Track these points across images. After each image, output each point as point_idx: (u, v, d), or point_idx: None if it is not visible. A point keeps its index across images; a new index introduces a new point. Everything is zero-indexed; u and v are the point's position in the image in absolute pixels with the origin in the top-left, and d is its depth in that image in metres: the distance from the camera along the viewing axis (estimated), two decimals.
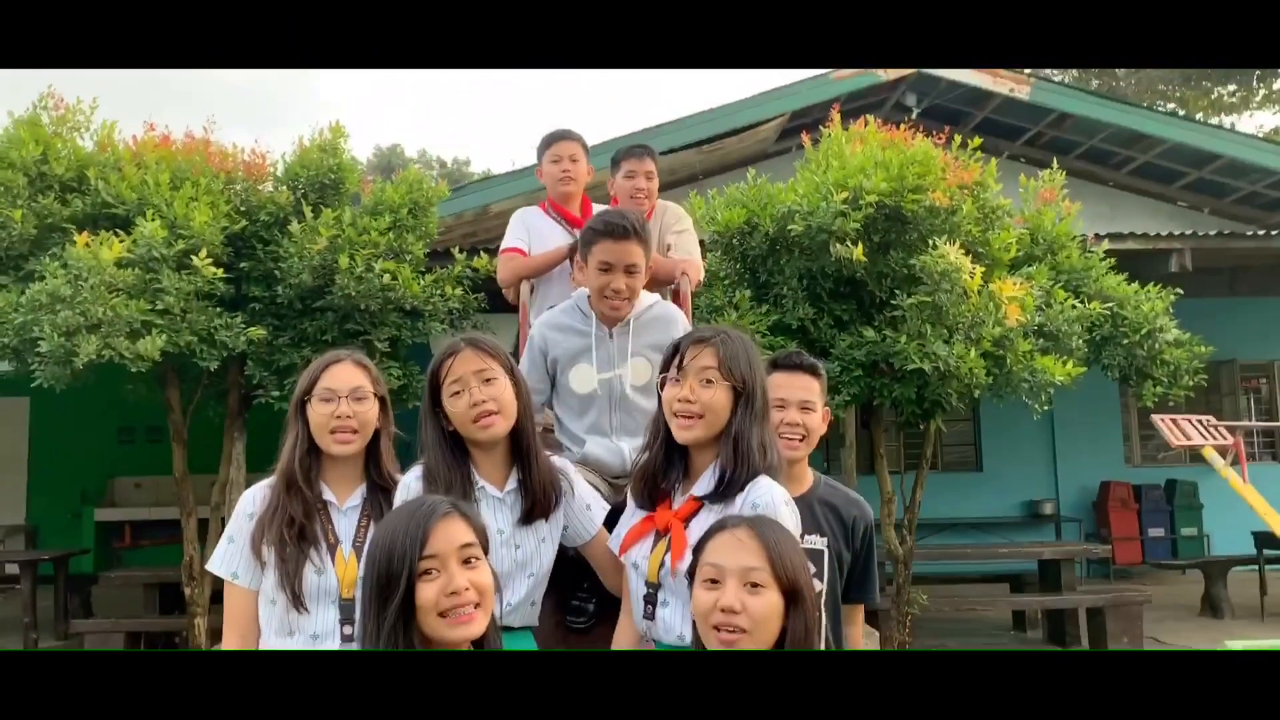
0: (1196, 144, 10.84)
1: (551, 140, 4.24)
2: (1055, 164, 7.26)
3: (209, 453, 7.30)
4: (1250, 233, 8.48)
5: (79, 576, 9.46)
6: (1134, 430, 12.07)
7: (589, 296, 3.06)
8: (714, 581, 1.88)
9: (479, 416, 2.37)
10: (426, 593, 1.71)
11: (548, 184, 4.22)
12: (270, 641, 2.35)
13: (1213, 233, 8.58)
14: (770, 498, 2.25)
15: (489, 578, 1.78)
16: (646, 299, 3.12)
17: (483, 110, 68.29)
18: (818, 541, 2.71)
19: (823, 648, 2.54)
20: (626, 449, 2.99)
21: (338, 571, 2.35)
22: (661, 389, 2.39)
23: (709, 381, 2.30)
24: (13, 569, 9.93)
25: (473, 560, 1.76)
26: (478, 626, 1.75)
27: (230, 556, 2.41)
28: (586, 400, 3.05)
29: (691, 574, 1.99)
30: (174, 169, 6.35)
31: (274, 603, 2.34)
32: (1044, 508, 11.64)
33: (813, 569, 2.43)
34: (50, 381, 5.68)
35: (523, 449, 2.46)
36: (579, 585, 2.92)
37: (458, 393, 2.39)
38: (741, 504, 2.26)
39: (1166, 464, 11.77)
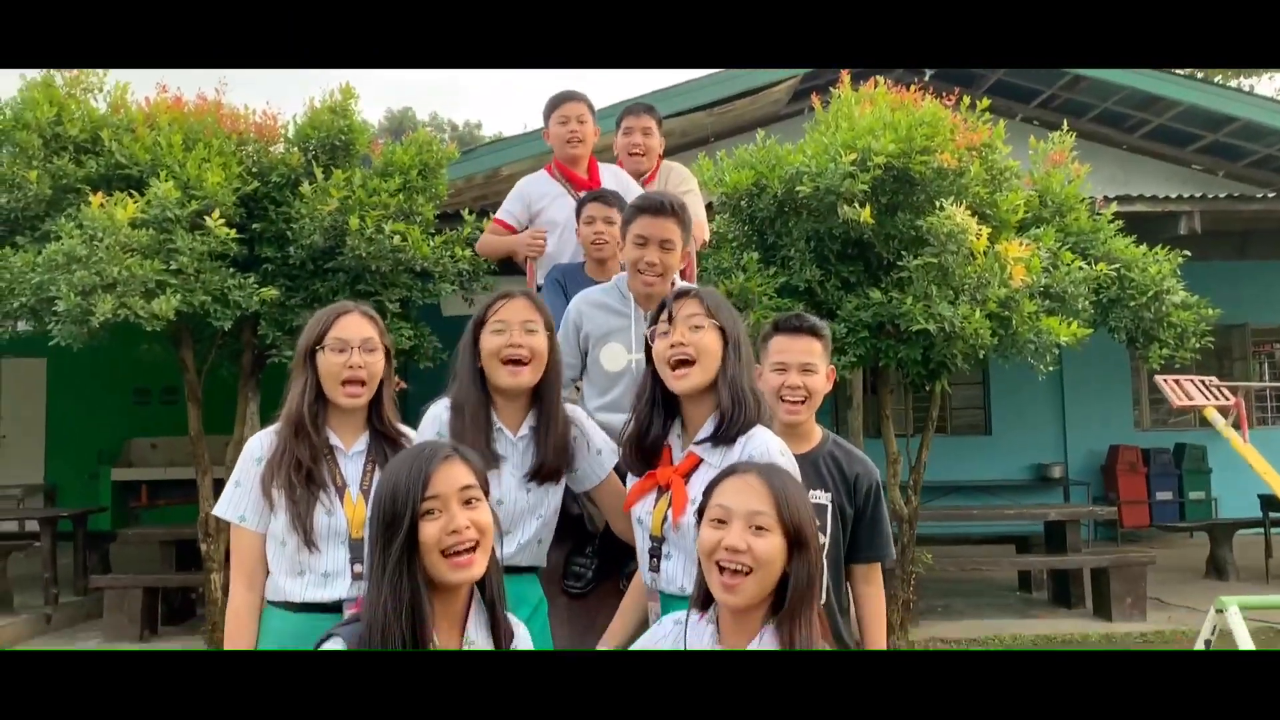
0: (1212, 107, 10.76)
1: (558, 102, 4.23)
2: (1065, 126, 7.23)
3: (223, 413, 7.41)
4: (1261, 195, 8.43)
5: (97, 534, 9.62)
6: (1143, 394, 12.09)
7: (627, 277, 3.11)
8: (721, 522, 1.93)
9: (508, 360, 2.47)
10: (429, 531, 1.78)
11: (555, 146, 4.22)
12: (280, 582, 2.42)
13: (1223, 195, 8.54)
14: (766, 448, 2.30)
15: (489, 518, 1.85)
16: (682, 286, 3.16)
17: (496, 74, 67.88)
18: (821, 496, 2.75)
19: (822, 599, 2.61)
20: None
21: (346, 513, 2.42)
22: (651, 342, 2.44)
23: (698, 326, 2.36)
24: (32, 526, 10.13)
25: (473, 501, 1.83)
26: (477, 569, 1.82)
27: (237, 500, 2.47)
28: (615, 378, 3.09)
29: (701, 514, 2.04)
30: (186, 130, 6.41)
31: (284, 544, 2.40)
32: (1052, 471, 11.68)
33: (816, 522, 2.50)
34: (67, 340, 5.77)
35: (545, 404, 2.56)
36: (581, 550, 2.99)
37: (499, 331, 2.49)
38: (740, 454, 2.30)
39: (1176, 428, 11.81)
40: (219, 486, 7.00)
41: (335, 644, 1.76)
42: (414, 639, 1.73)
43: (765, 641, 1.92)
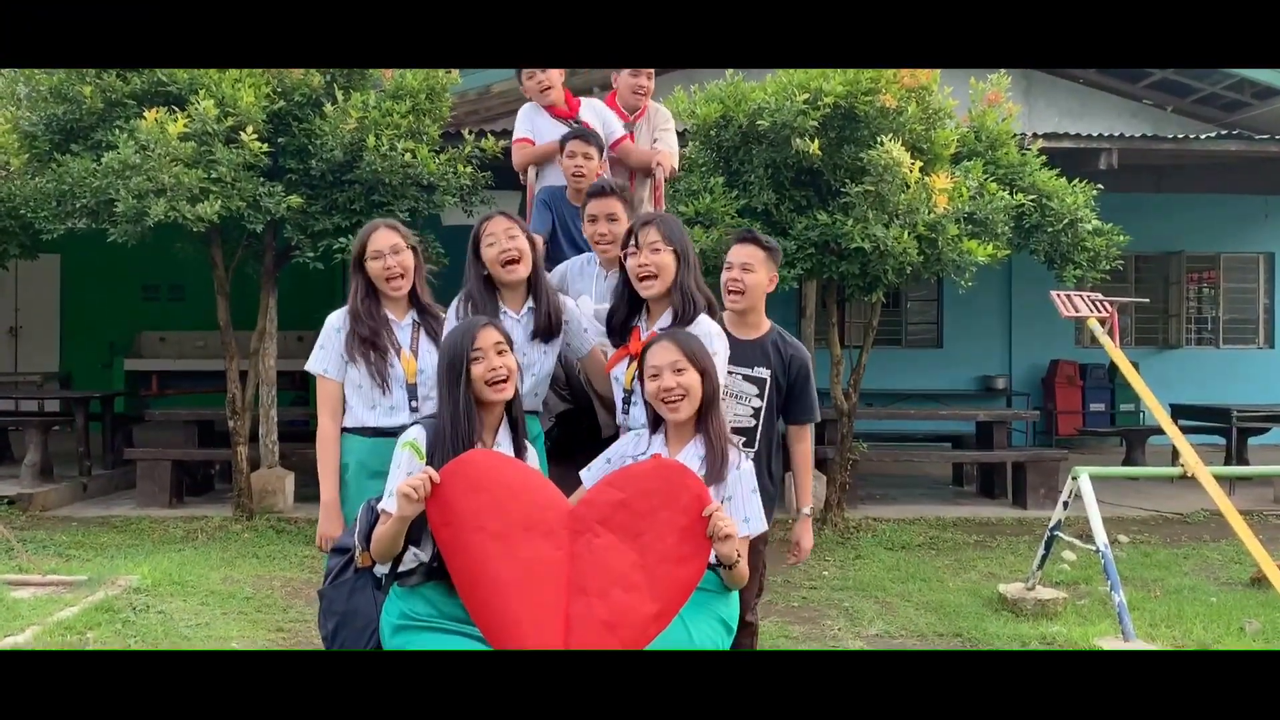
0: None
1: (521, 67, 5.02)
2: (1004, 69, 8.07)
3: (235, 310, 8.12)
4: (1172, 136, 9.37)
5: (118, 416, 10.49)
6: None
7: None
8: (655, 375, 2.89)
9: (505, 261, 3.32)
10: (476, 369, 2.73)
11: (531, 96, 4.99)
12: (360, 414, 3.36)
13: (1138, 135, 9.46)
14: (706, 329, 3.24)
15: (514, 362, 2.81)
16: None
17: None
18: (764, 371, 3.62)
19: (755, 447, 3.55)
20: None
21: (403, 365, 3.36)
22: (625, 261, 3.34)
23: (657, 249, 3.26)
24: (51, 407, 10.96)
25: (503, 350, 2.78)
26: (509, 392, 2.78)
27: (322, 359, 3.40)
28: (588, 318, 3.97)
29: (642, 376, 2.98)
30: None
31: (361, 387, 3.35)
32: (997, 383, 12.70)
33: (756, 389, 3.52)
34: (123, 238, 6.64)
35: (536, 287, 3.41)
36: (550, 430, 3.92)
37: (491, 244, 3.33)
38: None
39: None
40: (244, 377, 7.91)
41: (417, 430, 2.72)
42: (468, 437, 2.68)
43: (699, 445, 2.87)
